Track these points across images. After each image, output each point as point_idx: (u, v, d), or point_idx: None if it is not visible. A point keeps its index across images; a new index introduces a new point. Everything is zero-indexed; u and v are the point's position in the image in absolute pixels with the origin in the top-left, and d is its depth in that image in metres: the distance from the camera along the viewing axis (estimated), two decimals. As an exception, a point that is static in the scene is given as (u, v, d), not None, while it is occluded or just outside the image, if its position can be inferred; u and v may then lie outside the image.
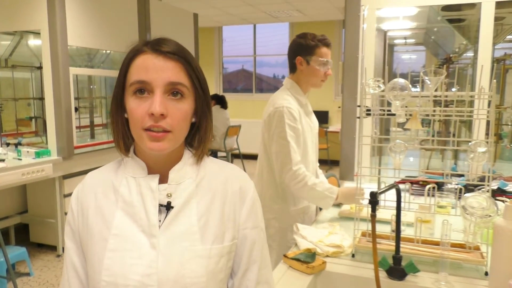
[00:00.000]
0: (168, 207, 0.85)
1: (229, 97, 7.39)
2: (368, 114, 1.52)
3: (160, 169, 0.87)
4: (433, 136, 1.43)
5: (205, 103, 0.87)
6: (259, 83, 9.22)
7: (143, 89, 0.81)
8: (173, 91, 0.82)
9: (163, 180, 0.87)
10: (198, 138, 0.90)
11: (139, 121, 0.80)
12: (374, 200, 1.15)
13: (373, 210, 1.15)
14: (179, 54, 0.83)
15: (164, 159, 0.87)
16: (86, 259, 0.88)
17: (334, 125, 7.90)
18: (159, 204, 0.85)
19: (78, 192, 0.91)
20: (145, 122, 0.80)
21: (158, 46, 0.82)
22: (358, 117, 1.75)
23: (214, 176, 0.91)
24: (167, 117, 0.80)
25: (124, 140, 0.88)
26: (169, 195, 0.86)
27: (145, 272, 0.81)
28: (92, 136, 4.58)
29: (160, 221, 0.84)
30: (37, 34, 3.76)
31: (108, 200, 0.87)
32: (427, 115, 1.48)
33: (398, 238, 1.31)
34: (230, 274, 0.92)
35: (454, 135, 1.50)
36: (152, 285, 0.81)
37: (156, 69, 0.80)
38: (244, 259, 0.91)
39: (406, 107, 1.46)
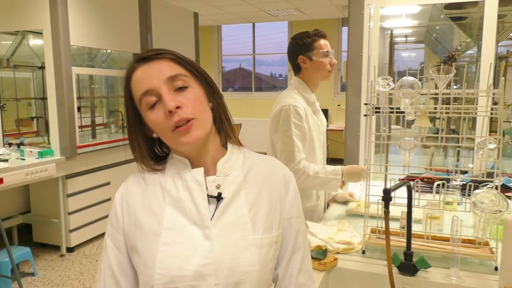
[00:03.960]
0: (219, 198, 0.87)
1: (228, 96, 7.39)
2: (377, 112, 1.54)
3: (202, 162, 0.90)
4: (437, 133, 1.44)
5: (209, 86, 0.90)
6: (257, 82, 9.22)
7: (153, 101, 0.84)
8: (177, 84, 0.85)
9: (207, 172, 0.89)
10: (218, 121, 0.92)
11: (164, 125, 0.83)
12: (387, 196, 1.16)
13: (387, 206, 1.17)
14: (165, 52, 0.87)
15: (203, 152, 0.89)
16: (136, 256, 0.87)
17: (334, 124, 7.91)
18: (209, 196, 0.87)
19: (123, 191, 0.93)
20: (168, 123, 0.83)
21: (145, 55, 0.87)
22: (365, 115, 1.77)
23: (259, 167, 0.94)
24: (183, 107, 0.83)
25: (151, 157, 0.92)
26: (218, 186, 0.88)
27: (201, 262, 0.82)
28: (93, 135, 4.58)
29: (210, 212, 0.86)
30: (38, 33, 3.75)
31: (156, 197, 0.89)
32: (435, 113, 1.49)
33: (409, 235, 1.33)
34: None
35: (454, 132, 1.52)
36: (209, 274, 0.82)
37: (151, 75, 0.84)
38: (289, 247, 0.93)
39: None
